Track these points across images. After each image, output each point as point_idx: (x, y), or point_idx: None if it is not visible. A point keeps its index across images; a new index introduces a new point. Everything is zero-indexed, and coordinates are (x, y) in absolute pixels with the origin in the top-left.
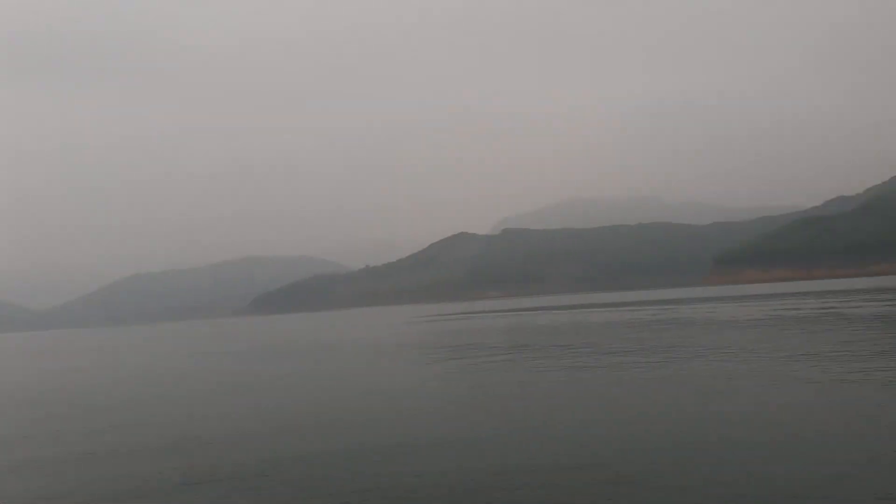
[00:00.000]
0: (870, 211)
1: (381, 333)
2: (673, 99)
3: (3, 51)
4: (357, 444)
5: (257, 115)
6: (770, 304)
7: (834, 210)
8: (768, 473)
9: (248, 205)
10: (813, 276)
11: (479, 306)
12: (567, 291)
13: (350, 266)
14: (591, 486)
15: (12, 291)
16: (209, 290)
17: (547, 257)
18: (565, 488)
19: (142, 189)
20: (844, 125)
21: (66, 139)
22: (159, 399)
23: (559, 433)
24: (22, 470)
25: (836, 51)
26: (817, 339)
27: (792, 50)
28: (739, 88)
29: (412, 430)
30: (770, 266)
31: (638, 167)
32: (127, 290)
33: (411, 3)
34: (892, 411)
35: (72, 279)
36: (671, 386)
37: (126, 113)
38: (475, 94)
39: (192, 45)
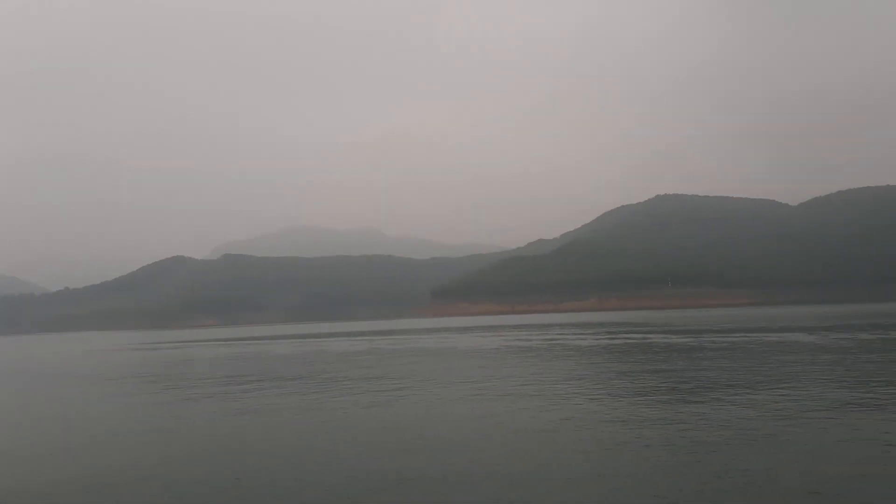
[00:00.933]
0: (563, 254)
1: (63, 362)
2: (395, 134)
3: None
4: None
5: None
6: (503, 336)
7: (534, 251)
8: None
9: None
10: (516, 310)
11: (188, 335)
12: (287, 320)
13: (47, 287)
14: None
15: None
16: None
17: (268, 285)
18: None
19: None
20: (550, 175)
21: None
22: None
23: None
24: None
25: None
26: (552, 366)
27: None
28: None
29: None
30: (480, 300)
31: (361, 200)
32: None
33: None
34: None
35: None
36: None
37: None
38: (201, 107)
39: None
